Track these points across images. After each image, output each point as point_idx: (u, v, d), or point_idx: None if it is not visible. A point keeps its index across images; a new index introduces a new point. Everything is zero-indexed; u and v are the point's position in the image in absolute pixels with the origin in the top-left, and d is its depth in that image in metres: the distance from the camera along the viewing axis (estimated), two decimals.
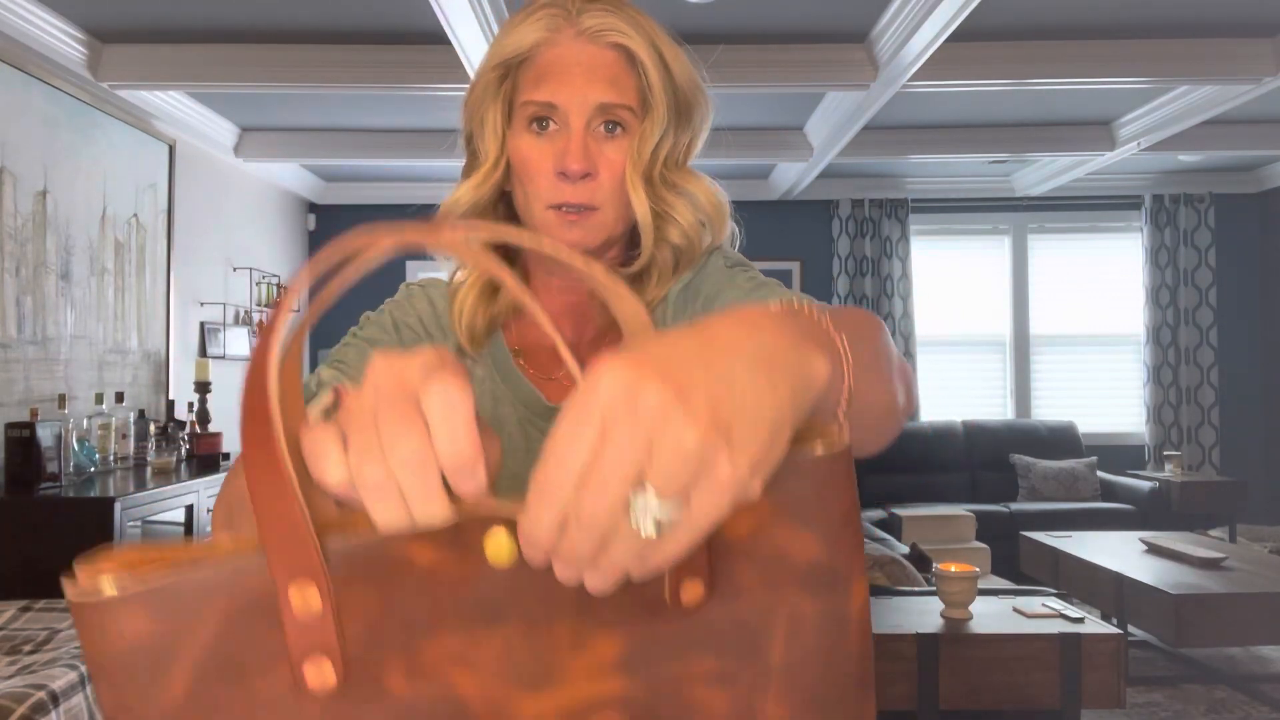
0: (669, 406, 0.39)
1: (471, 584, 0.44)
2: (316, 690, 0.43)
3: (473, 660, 0.44)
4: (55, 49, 3.76)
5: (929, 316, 6.91)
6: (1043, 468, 6.25)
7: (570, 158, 0.88)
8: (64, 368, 3.95)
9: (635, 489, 0.39)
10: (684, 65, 0.94)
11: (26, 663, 2.30)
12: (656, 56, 0.91)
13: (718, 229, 0.98)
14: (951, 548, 5.11)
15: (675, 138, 0.94)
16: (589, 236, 0.92)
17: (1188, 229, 6.83)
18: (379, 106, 4.93)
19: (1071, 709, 2.56)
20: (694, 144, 0.97)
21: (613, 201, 0.91)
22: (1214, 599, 3.46)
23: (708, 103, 0.97)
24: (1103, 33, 4.13)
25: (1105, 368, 6.97)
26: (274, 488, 0.42)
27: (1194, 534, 4.76)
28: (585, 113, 0.89)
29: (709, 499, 0.40)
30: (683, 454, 0.39)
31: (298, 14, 3.86)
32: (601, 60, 0.90)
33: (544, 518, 0.40)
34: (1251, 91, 4.48)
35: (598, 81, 0.90)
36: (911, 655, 2.58)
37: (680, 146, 0.95)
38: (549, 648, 0.45)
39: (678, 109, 0.93)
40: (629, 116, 0.91)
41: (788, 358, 0.45)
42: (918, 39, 3.67)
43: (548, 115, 0.90)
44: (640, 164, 0.92)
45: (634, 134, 0.92)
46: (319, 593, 0.42)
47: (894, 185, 6.85)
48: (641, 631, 0.46)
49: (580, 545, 0.40)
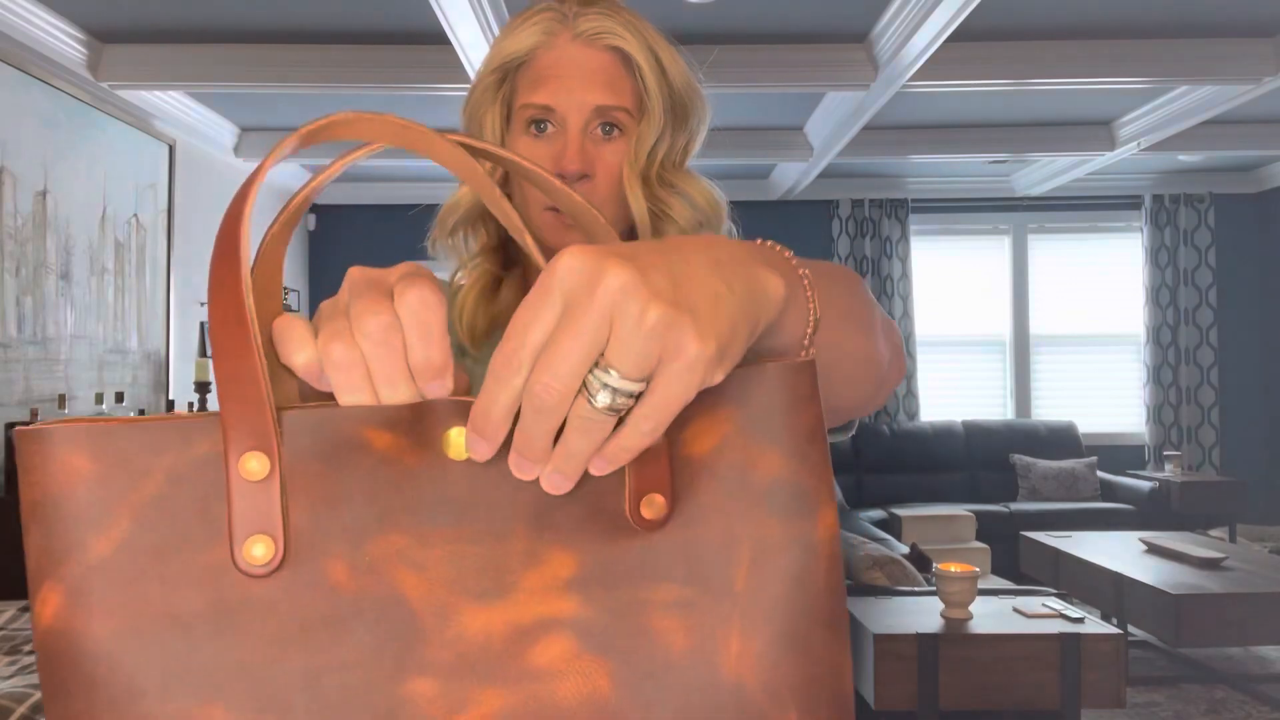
0: (632, 283, 0.38)
1: (426, 480, 0.43)
2: (252, 569, 0.41)
3: (420, 561, 0.42)
4: (55, 49, 3.76)
5: (929, 316, 6.91)
6: (1043, 468, 6.25)
7: (567, 160, 0.89)
8: (64, 368, 3.95)
9: (596, 368, 0.38)
10: (680, 68, 0.94)
11: (26, 663, 2.30)
12: (653, 59, 0.92)
13: (715, 228, 0.98)
14: (951, 548, 5.11)
15: (672, 139, 0.94)
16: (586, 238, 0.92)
17: (1188, 229, 6.83)
18: (379, 107, 4.93)
19: (1071, 709, 2.56)
20: (691, 145, 0.98)
21: (610, 203, 0.92)
22: (1214, 599, 3.46)
23: (705, 105, 0.98)
24: (1103, 33, 4.13)
25: (1105, 368, 6.97)
26: (235, 344, 0.41)
27: (1194, 534, 4.76)
28: (582, 115, 0.90)
29: (674, 377, 0.39)
30: (646, 328, 0.38)
31: (298, 14, 3.86)
32: (598, 63, 0.91)
33: (499, 397, 0.39)
34: (1251, 91, 4.48)
35: (594, 84, 0.90)
36: (911, 655, 2.58)
37: (677, 148, 0.96)
38: (501, 557, 0.43)
39: (674, 111, 0.94)
40: (626, 119, 0.92)
41: (746, 269, 0.44)
42: (918, 39, 3.67)
43: (545, 118, 0.91)
44: (637, 165, 0.92)
45: (631, 136, 0.92)
46: (269, 460, 0.41)
47: (894, 185, 6.86)
48: (599, 550, 0.44)
49: (534, 428, 0.39)
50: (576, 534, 0.44)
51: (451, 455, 0.43)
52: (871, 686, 2.60)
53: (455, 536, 0.43)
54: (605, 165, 0.92)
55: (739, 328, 0.42)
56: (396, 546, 0.42)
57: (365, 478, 0.42)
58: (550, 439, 0.39)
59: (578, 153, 0.90)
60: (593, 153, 0.91)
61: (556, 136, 0.91)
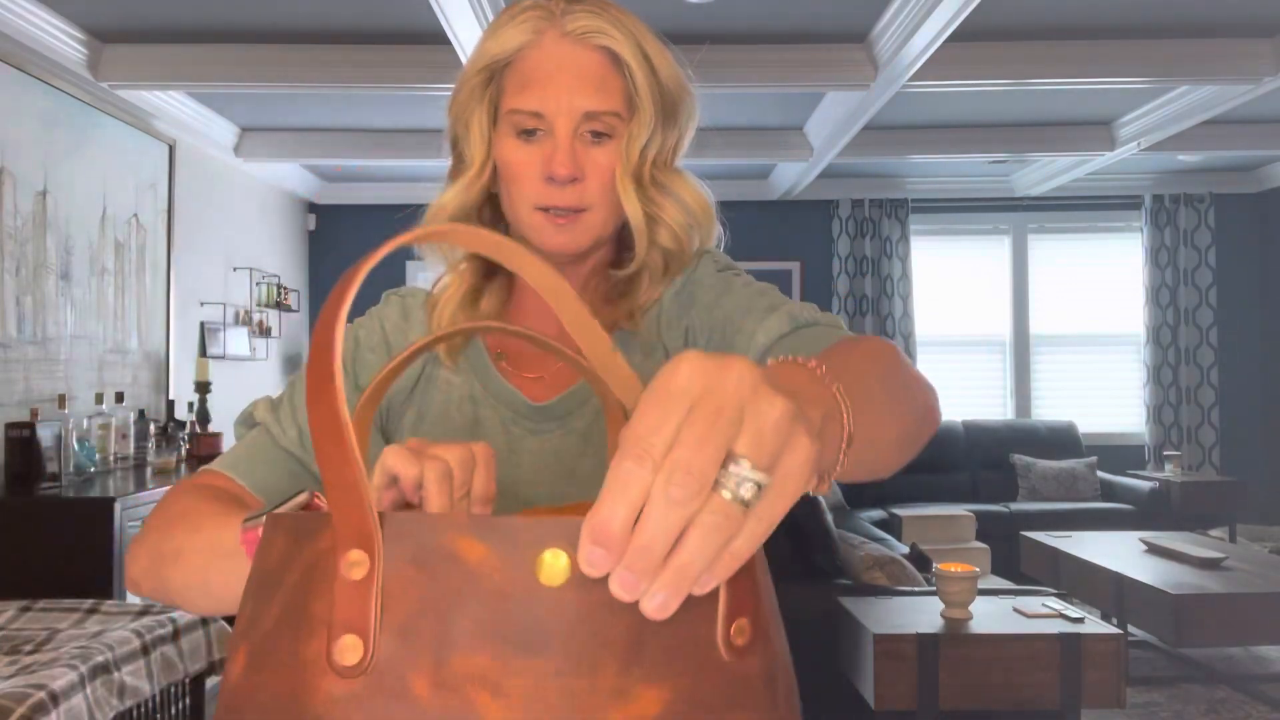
0: (758, 381, 0.39)
1: (516, 602, 0.42)
2: (341, 666, 0.42)
3: (502, 687, 0.41)
4: (55, 49, 3.76)
5: (929, 316, 6.91)
6: (1043, 468, 6.25)
7: (557, 163, 0.88)
8: (64, 368, 3.95)
9: (726, 462, 0.38)
10: (670, 64, 0.93)
11: (26, 663, 2.30)
12: (642, 57, 0.90)
13: (706, 231, 0.98)
14: (951, 548, 5.11)
15: (663, 138, 0.93)
16: (578, 239, 0.92)
17: (1188, 229, 6.83)
18: (379, 106, 4.93)
19: (1071, 709, 2.56)
20: (681, 144, 0.97)
21: (603, 202, 0.91)
22: (1214, 599, 3.46)
23: (694, 101, 0.97)
24: (1103, 33, 4.13)
25: (1105, 368, 6.97)
26: (339, 454, 0.42)
27: (1194, 534, 4.76)
28: (572, 120, 0.89)
29: (795, 470, 0.40)
30: (775, 418, 0.39)
31: (298, 14, 3.86)
32: (586, 64, 0.89)
33: (619, 509, 0.37)
34: (1251, 91, 4.48)
35: (583, 87, 0.89)
36: (911, 655, 2.58)
37: (668, 146, 0.94)
38: (586, 692, 0.41)
39: (664, 109, 0.92)
40: (616, 122, 0.91)
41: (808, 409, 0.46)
42: (918, 39, 3.67)
43: (534, 125, 0.90)
44: (629, 166, 0.91)
45: (621, 137, 0.91)
46: (369, 560, 0.42)
47: (894, 185, 6.85)
48: (688, 685, 0.43)
49: (657, 531, 0.37)
50: (666, 667, 0.43)
51: (543, 580, 0.42)
52: (871, 686, 2.60)
53: (540, 666, 0.41)
54: (596, 167, 0.90)
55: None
56: (480, 668, 0.41)
57: (456, 590, 0.42)
58: (669, 546, 0.38)
59: (568, 156, 0.88)
60: (583, 155, 0.90)
61: (546, 140, 0.90)
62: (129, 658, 2.43)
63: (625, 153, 0.91)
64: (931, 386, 0.74)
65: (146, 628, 2.57)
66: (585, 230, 0.92)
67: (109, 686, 2.31)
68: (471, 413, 0.95)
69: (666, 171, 0.95)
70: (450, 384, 0.96)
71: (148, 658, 2.49)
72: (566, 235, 0.91)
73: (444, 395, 0.96)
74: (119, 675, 2.36)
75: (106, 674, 2.32)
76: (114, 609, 2.79)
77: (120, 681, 2.35)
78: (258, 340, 5.81)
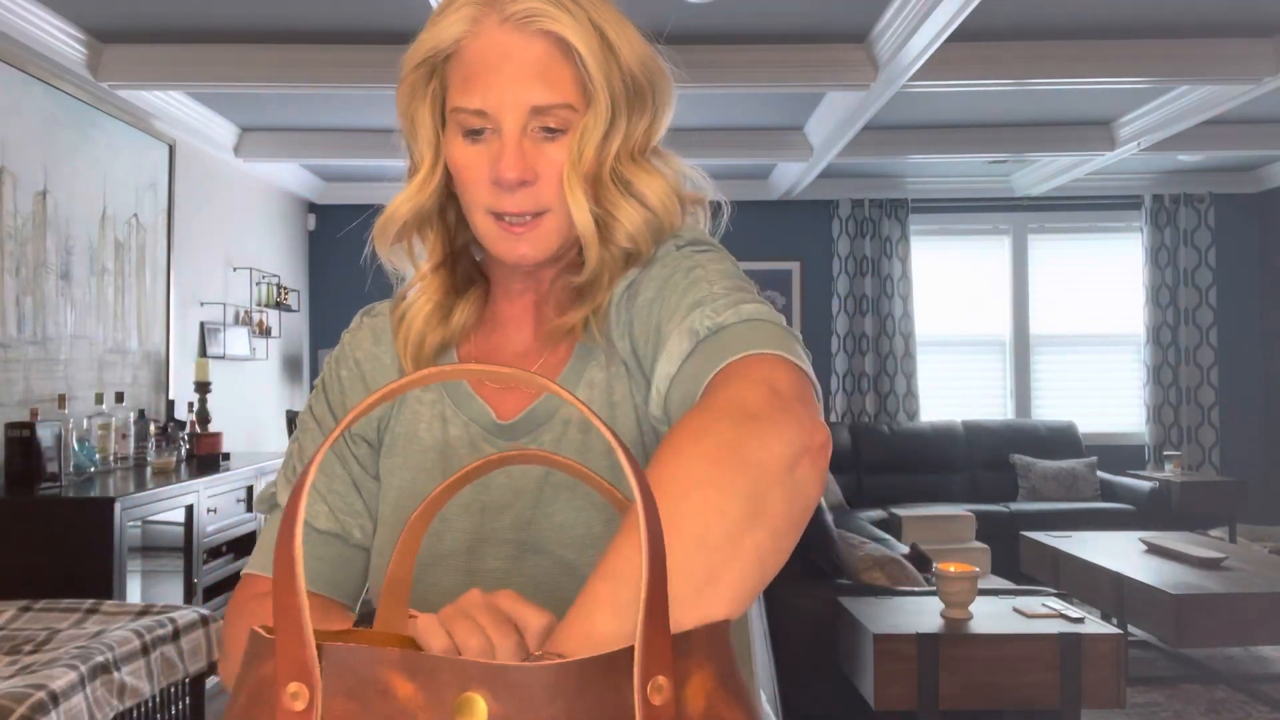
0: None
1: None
2: None
3: None
4: (55, 49, 3.76)
5: (929, 316, 6.91)
6: (1043, 468, 6.25)
7: (504, 165, 0.80)
8: (64, 368, 3.95)
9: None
10: (634, 43, 0.84)
11: (26, 663, 2.30)
12: (597, 40, 0.81)
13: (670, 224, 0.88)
14: (951, 548, 5.11)
15: (628, 127, 0.84)
16: (538, 246, 0.85)
17: (1188, 229, 6.83)
18: (379, 106, 4.93)
19: (1071, 709, 2.56)
20: (655, 128, 0.88)
21: (560, 208, 0.83)
22: (1214, 599, 3.46)
23: (667, 80, 0.88)
24: (1103, 33, 4.13)
25: (1105, 368, 6.97)
26: (286, 580, 0.46)
27: (1194, 534, 4.76)
28: (518, 117, 0.81)
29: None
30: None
31: (298, 14, 3.86)
32: (531, 53, 0.81)
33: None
34: (1251, 91, 4.48)
35: (528, 79, 0.80)
36: (911, 655, 2.58)
37: (635, 134, 0.86)
38: None
39: (627, 96, 0.84)
40: (569, 115, 0.82)
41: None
42: (918, 39, 3.67)
43: (480, 123, 0.82)
44: (582, 165, 0.82)
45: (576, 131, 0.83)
46: (308, 692, 0.45)
47: (894, 185, 6.86)
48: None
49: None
50: None
51: (455, 716, 0.45)
52: (871, 686, 2.60)
53: None
54: (550, 166, 0.82)
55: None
56: None
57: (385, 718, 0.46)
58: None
59: (516, 157, 0.81)
60: (534, 154, 0.82)
61: (493, 139, 0.82)
62: (129, 658, 2.43)
63: (577, 149, 0.82)
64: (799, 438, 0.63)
65: (146, 628, 2.57)
66: (545, 236, 0.84)
67: (109, 686, 2.31)
68: (441, 432, 0.90)
69: (634, 164, 0.86)
70: (420, 401, 0.92)
71: (148, 658, 2.49)
72: (526, 244, 0.84)
73: (413, 413, 0.92)
74: (119, 675, 2.36)
75: (106, 674, 2.32)
76: (114, 609, 2.79)
77: (120, 681, 2.35)
78: (258, 340, 5.81)
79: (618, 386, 0.87)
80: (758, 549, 0.58)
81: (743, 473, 0.59)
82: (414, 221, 0.89)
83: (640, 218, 0.85)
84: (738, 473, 0.59)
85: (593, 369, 0.89)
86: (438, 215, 0.90)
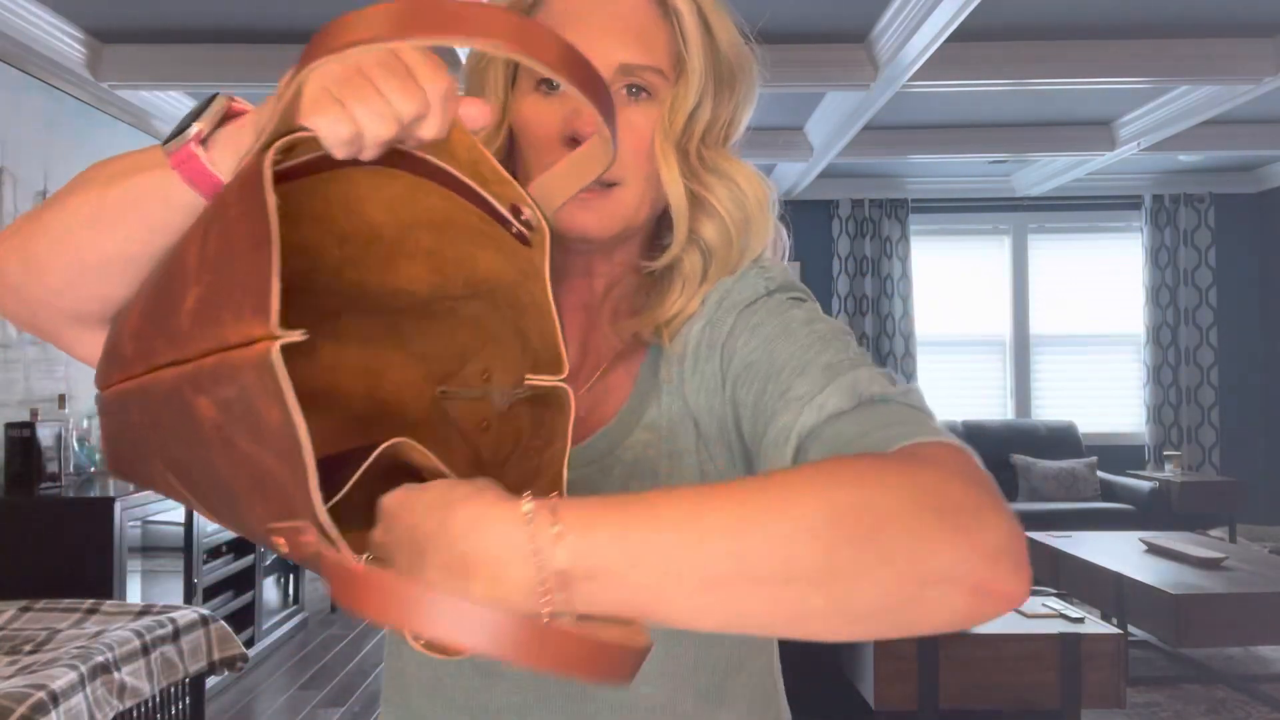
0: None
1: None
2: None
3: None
4: (55, 49, 3.76)
5: (929, 316, 6.91)
6: (1043, 468, 6.25)
7: (583, 121, 0.71)
8: (64, 368, 3.95)
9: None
10: (728, 24, 0.79)
11: (26, 663, 2.30)
12: (695, 7, 0.76)
13: (759, 231, 0.78)
14: None
15: (714, 109, 0.77)
16: (605, 222, 0.74)
17: (1188, 229, 6.83)
18: None
19: (1071, 709, 2.56)
20: (736, 122, 0.81)
21: (636, 176, 0.74)
22: (1214, 599, 3.46)
23: (754, 74, 0.81)
24: (1103, 33, 4.13)
25: (1105, 368, 6.97)
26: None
27: (1194, 534, 4.76)
28: (605, 72, 0.71)
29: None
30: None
31: (298, 14, 3.86)
32: (627, 7, 0.74)
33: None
34: (1251, 91, 4.48)
35: (620, 32, 0.73)
36: (911, 655, 2.58)
37: (720, 121, 0.78)
38: None
39: (718, 75, 0.77)
40: (657, 81, 0.74)
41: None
42: (918, 39, 3.67)
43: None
44: (672, 132, 0.74)
45: (663, 100, 0.75)
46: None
47: (894, 185, 6.86)
48: None
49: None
50: None
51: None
52: (871, 686, 2.60)
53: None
54: (631, 130, 0.73)
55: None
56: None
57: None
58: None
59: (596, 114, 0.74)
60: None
61: (571, 95, 0.71)
62: (129, 658, 2.43)
63: (668, 117, 0.74)
64: (995, 549, 0.48)
65: (146, 628, 2.58)
66: (613, 211, 0.74)
67: (109, 686, 2.31)
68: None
69: (717, 151, 0.78)
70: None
71: (148, 658, 2.49)
72: (592, 214, 0.74)
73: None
74: (119, 675, 2.36)
75: (106, 674, 2.32)
76: (114, 609, 2.79)
77: (120, 681, 2.35)
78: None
79: (681, 435, 0.76)
80: (809, 606, 0.46)
81: (900, 537, 0.46)
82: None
83: (734, 205, 0.77)
84: (896, 532, 0.46)
85: (653, 408, 0.77)
86: None
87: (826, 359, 0.66)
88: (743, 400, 0.71)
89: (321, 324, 0.65)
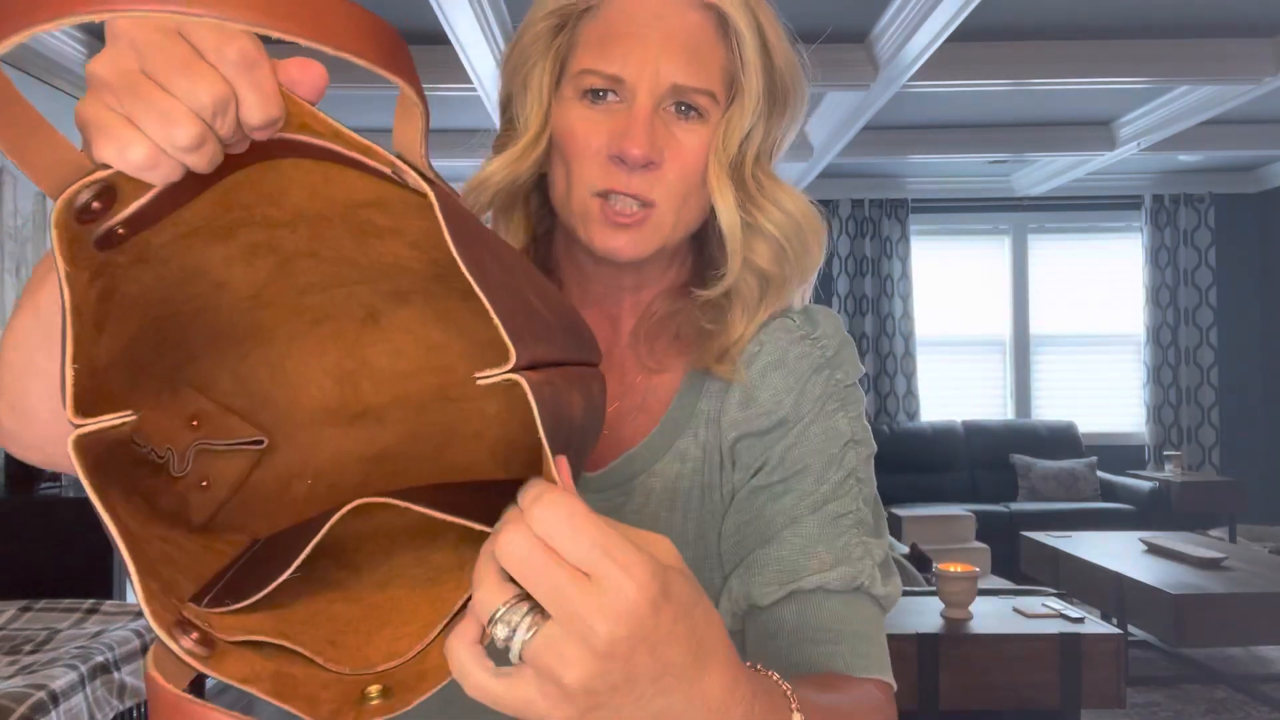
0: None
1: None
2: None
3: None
4: (55, 49, 3.77)
5: (929, 316, 6.91)
6: (1043, 468, 6.25)
7: (631, 139, 0.68)
8: None
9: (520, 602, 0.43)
10: (785, 43, 0.75)
11: (26, 663, 2.30)
12: (754, 24, 0.72)
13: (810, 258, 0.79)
14: (951, 548, 5.11)
15: (766, 130, 0.74)
16: (638, 244, 0.72)
17: (1188, 229, 6.83)
18: (379, 106, 4.93)
19: (1071, 709, 2.56)
20: (781, 143, 0.78)
21: (673, 202, 0.72)
22: (1214, 599, 3.47)
23: (805, 88, 0.78)
24: (1103, 33, 4.13)
25: (1105, 368, 6.97)
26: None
27: (1194, 534, 4.76)
28: (656, 91, 0.70)
29: (545, 663, 0.42)
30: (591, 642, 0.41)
31: None
32: (684, 24, 0.70)
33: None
34: (1251, 91, 4.48)
35: (676, 51, 0.70)
36: (911, 655, 2.58)
37: (770, 142, 0.76)
38: None
39: (773, 96, 0.74)
40: (708, 104, 0.72)
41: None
42: (918, 39, 3.67)
43: (609, 88, 0.71)
44: (726, 155, 0.72)
45: (714, 122, 0.72)
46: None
47: (894, 185, 6.86)
48: None
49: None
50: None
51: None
52: None
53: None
54: (679, 152, 0.71)
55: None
56: None
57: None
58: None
59: (645, 133, 0.68)
60: (664, 135, 0.70)
61: (619, 110, 0.70)
62: (129, 658, 2.43)
63: (722, 140, 0.72)
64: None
65: (147, 628, 2.58)
66: (649, 234, 0.71)
67: (109, 686, 2.31)
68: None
69: (765, 172, 0.76)
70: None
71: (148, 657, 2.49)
72: (626, 238, 0.71)
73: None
74: (119, 675, 2.36)
75: (106, 674, 2.32)
76: (114, 609, 2.79)
77: (120, 681, 2.35)
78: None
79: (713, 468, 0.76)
80: None
81: None
82: (506, 191, 0.76)
83: (788, 227, 0.76)
84: None
85: (687, 437, 0.76)
86: (528, 191, 0.78)
87: (835, 507, 0.77)
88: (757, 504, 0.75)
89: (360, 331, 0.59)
